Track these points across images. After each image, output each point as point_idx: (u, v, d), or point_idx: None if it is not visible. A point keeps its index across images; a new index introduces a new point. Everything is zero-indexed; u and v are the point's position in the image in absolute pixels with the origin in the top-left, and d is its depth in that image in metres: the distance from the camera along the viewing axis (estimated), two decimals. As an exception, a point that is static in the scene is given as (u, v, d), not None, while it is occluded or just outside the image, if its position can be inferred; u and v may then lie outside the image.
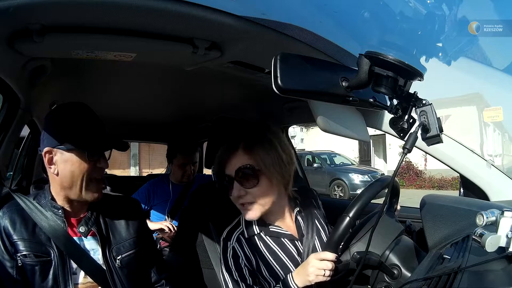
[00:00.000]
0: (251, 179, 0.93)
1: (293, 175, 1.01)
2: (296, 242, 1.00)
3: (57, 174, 0.91)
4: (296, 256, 0.99)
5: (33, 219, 0.90)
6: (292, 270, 0.97)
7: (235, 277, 0.95)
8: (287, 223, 1.02)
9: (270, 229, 0.99)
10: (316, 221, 1.06)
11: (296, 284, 0.92)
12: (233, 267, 0.96)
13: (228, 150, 0.96)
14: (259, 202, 0.94)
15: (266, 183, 0.94)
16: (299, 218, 1.04)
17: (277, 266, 0.97)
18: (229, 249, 0.97)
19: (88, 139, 0.89)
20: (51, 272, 0.88)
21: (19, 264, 0.86)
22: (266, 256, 0.98)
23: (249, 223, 1.00)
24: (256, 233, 0.99)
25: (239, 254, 0.96)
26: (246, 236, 0.99)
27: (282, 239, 1.00)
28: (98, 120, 0.95)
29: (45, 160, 0.91)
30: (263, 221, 1.00)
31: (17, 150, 1.80)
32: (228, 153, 0.95)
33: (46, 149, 0.90)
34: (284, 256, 0.99)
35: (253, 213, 0.95)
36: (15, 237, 0.87)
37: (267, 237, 0.99)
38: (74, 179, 0.90)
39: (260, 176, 0.93)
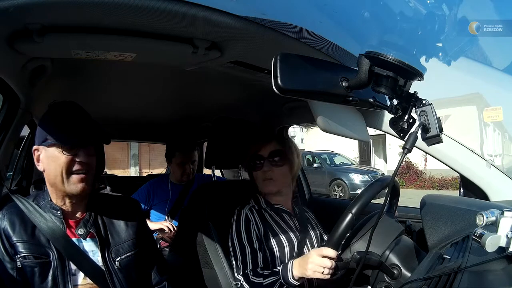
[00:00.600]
0: (279, 160, 1.22)
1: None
2: (293, 217, 1.25)
3: (44, 171, 0.93)
4: (294, 228, 1.22)
5: (32, 221, 0.90)
6: (293, 238, 1.19)
7: (244, 241, 1.14)
8: (287, 205, 1.27)
9: (274, 206, 1.25)
10: (307, 214, 1.32)
11: (293, 275, 1.01)
12: (244, 230, 1.16)
13: (264, 139, 1.25)
14: (279, 181, 1.22)
15: (287, 168, 1.24)
16: (294, 205, 1.30)
17: (280, 233, 1.18)
18: (242, 215, 1.19)
19: (63, 133, 0.90)
20: (50, 273, 0.88)
21: (19, 266, 0.86)
22: (272, 225, 1.20)
23: (257, 201, 1.25)
24: (263, 207, 1.24)
25: (251, 219, 1.17)
26: (256, 208, 1.21)
27: (283, 214, 1.24)
28: (80, 115, 0.95)
29: (35, 158, 0.94)
30: (269, 201, 1.25)
31: (17, 150, 1.80)
32: (265, 141, 1.25)
33: (34, 147, 0.94)
34: (286, 226, 1.21)
35: (272, 188, 1.23)
36: (14, 238, 0.88)
37: (272, 211, 1.23)
38: (55, 173, 0.90)
39: (285, 161, 1.23)
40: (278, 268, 1.05)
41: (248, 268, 1.10)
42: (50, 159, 0.91)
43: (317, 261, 0.94)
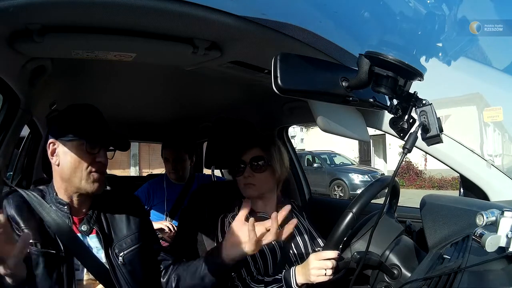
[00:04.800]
0: (260, 167, 1.20)
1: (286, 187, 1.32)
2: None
3: (58, 165, 0.93)
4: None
5: (38, 212, 0.90)
6: (275, 246, 1.15)
7: None
8: (270, 212, 1.19)
9: (257, 214, 1.21)
10: (294, 216, 1.27)
11: (297, 282, 1.00)
12: None
13: (248, 144, 1.23)
14: (259, 186, 1.21)
15: (269, 174, 1.22)
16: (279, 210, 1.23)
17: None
18: (226, 223, 1.18)
19: (88, 130, 0.91)
20: (56, 266, 0.88)
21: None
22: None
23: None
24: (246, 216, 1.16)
25: None
26: None
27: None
28: (102, 117, 0.97)
29: (49, 151, 0.93)
30: (252, 209, 1.17)
31: (17, 150, 1.80)
32: (248, 146, 1.23)
33: (50, 140, 0.93)
34: None
35: (252, 193, 1.21)
36: (22, 225, 0.87)
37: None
38: (73, 170, 0.90)
39: (267, 168, 1.21)
40: (280, 275, 1.05)
41: (243, 275, 1.09)
42: (68, 155, 0.91)
43: (317, 265, 0.96)
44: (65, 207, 0.93)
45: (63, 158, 0.92)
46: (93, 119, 0.95)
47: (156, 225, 1.90)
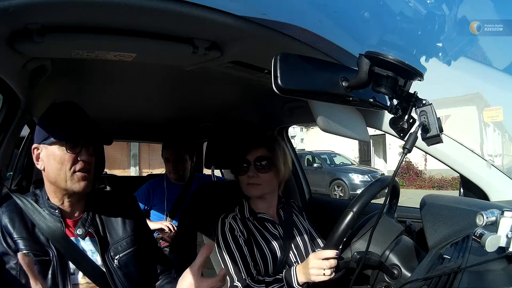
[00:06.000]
0: (264, 167, 1.19)
1: (286, 187, 1.33)
2: (277, 226, 1.23)
3: (44, 170, 0.93)
4: (278, 236, 1.20)
5: (31, 219, 0.90)
6: (276, 247, 1.16)
7: (233, 249, 1.12)
8: (271, 213, 1.26)
9: (258, 215, 1.22)
10: (296, 218, 1.30)
11: (298, 281, 1.01)
12: (231, 239, 1.14)
13: (253, 144, 1.22)
14: (263, 186, 1.19)
15: (273, 174, 1.20)
16: (280, 211, 1.28)
17: (263, 243, 1.17)
18: (226, 224, 1.17)
19: (66, 130, 0.90)
20: (49, 272, 0.88)
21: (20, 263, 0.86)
22: (255, 234, 1.18)
23: (241, 209, 1.23)
24: (247, 216, 1.21)
25: (235, 227, 1.16)
26: (239, 217, 1.20)
27: (266, 223, 1.22)
28: (82, 115, 0.96)
29: (34, 157, 0.94)
30: (252, 210, 1.23)
31: (17, 150, 1.80)
32: (253, 145, 1.21)
33: (33, 146, 0.93)
34: (269, 235, 1.19)
35: (255, 192, 1.20)
36: (15, 235, 0.87)
37: (254, 221, 1.21)
38: (57, 172, 0.90)
39: (272, 167, 1.20)
40: (281, 275, 1.05)
41: (243, 276, 1.09)
42: (51, 158, 0.90)
43: (317, 265, 0.96)
44: (56, 210, 0.92)
45: (47, 161, 0.91)
46: (72, 118, 0.93)
47: (156, 225, 1.90)
